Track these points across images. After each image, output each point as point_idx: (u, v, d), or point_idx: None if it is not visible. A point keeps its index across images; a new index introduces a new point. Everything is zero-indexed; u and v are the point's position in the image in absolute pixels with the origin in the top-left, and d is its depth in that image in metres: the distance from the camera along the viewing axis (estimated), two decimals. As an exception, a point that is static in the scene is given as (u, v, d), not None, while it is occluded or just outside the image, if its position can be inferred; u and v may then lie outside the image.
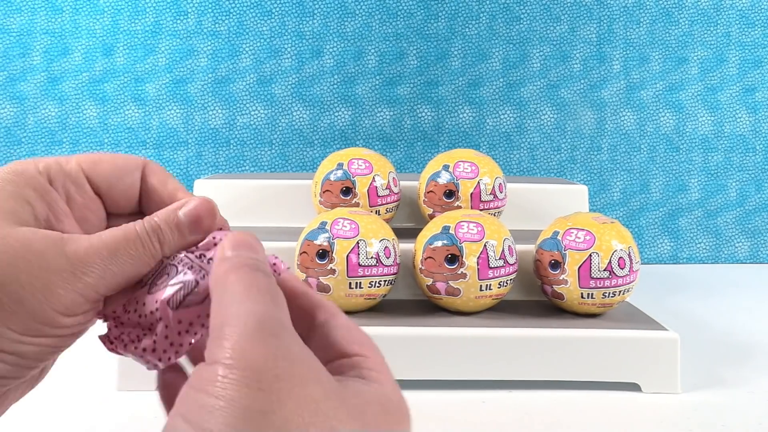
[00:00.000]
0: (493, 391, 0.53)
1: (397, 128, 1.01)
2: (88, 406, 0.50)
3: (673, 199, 1.03)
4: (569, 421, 0.49)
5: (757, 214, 1.03)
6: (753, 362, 0.60)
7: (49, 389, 0.27)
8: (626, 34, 1.01)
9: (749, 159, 1.03)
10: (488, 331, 0.54)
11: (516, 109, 1.01)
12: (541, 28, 1.01)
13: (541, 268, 0.58)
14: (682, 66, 1.02)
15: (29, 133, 0.97)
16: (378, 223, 0.57)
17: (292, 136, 1.00)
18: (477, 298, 0.56)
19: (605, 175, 1.02)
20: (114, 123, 0.98)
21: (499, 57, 1.01)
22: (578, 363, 0.54)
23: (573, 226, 0.57)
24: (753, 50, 1.02)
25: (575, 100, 1.02)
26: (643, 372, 0.53)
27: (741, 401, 0.52)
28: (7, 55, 0.96)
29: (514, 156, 1.02)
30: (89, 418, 0.48)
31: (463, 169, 0.65)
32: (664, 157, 1.03)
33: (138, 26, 0.98)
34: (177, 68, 0.98)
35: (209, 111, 0.99)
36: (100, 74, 0.98)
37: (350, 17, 1.00)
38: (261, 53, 0.99)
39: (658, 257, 1.03)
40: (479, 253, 0.55)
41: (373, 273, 0.55)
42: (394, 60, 1.00)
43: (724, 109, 1.03)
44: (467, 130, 1.01)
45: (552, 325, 0.55)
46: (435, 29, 1.00)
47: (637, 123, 1.02)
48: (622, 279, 0.55)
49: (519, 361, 0.54)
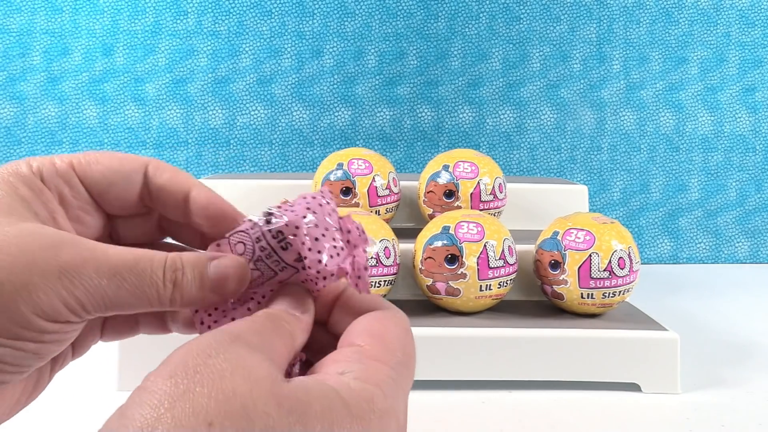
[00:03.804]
0: (493, 391, 0.53)
1: (397, 128, 1.01)
2: (88, 406, 0.50)
3: (673, 199, 1.03)
4: (569, 421, 0.49)
5: (757, 214, 1.03)
6: (753, 362, 0.60)
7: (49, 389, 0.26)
8: (626, 34, 1.01)
9: (749, 159, 1.03)
10: (488, 331, 0.54)
11: (516, 109, 1.01)
12: (541, 28, 1.01)
13: (541, 268, 0.58)
14: (682, 66, 1.02)
15: (29, 133, 0.97)
16: (378, 224, 0.57)
17: (292, 136, 1.00)
18: (477, 298, 0.56)
19: (605, 175, 1.02)
20: (114, 123, 0.98)
21: (499, 57, 1.01)
22: (578, 363, 0.54)
23: (573, 226, 0.57)
24: (753, 50, 1.02)
25: (575, 100, 1.02)
26: (643, 372, 0.53)
27: (741, 401, 0.52)
28: (7, 55, 0.96)
29: (514, 156, 1.02)
30: (89, 418, 0.48)
31: (463, 169, 0.65)
32: (664, 157, 1.03)
33: (138, 26, 0.98)
34: (177, 68, 0.98)
35: (209, 111, 0.99)
36: (100, 74, 0.98)
37: (350, 17, 1.00)
38: (261, 53, 0.99)
39: (658, 257, 1.03)
40: (479, 253, 0.55)
41: (373, 273, 0.55)
42: (394, 60, 1.00)
43: (724, 109, 1.03)
44: (467, 130, 1.01)
45: (552, 325, 0.55)
46: (435, 29, 1.00)
47: (637, 123, 1.02)
48: (622, 279, 0.55)
49: (519, 361, 0.54)
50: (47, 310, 0.21)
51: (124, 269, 0.22)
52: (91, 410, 0.49)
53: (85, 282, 0.21)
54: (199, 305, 0.24)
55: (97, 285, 0.21)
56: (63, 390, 0.51)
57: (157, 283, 0.22)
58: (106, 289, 0.22)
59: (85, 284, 0.21)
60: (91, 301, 0.21)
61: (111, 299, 0.22)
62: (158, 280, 0.22)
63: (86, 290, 0.21)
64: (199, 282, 0.23)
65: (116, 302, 0.22)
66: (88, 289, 0.21)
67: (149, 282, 0.22)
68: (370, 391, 0.20)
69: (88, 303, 0.21)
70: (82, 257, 0.21)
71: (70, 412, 0.49)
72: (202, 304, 0.24)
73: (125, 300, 0.22)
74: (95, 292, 0.21)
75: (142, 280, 0.22)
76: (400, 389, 0.21)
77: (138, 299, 0.22)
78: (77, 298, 0.21)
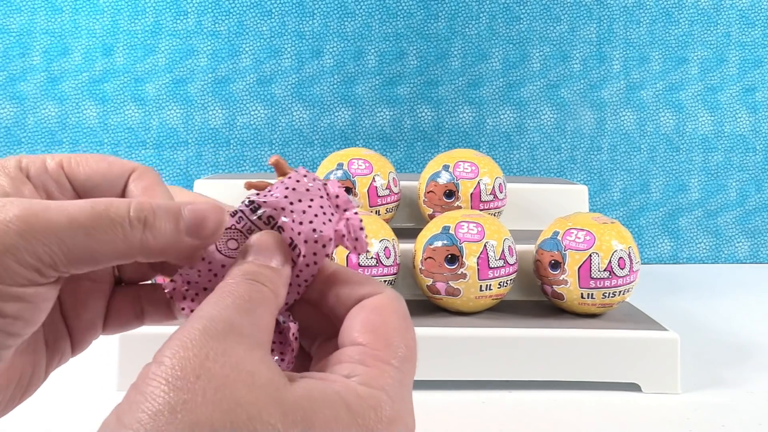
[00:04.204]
0: (493, 391, 0.53)
1: (397, 128, 1.01)
2: (88, 406, 0.50)
3: (673, 199, 1.03)
4: (569, 421, 0.49)
5: (757, 214, 1.03)
6: (753, 362, 0.60)
7: (49, 389, 0.26)
8: (626, 34, 1.01)
9: (749, 159, 1.03)
10: (488, 331, 0.54)
11: (516, 109, 1.01)
12: (541, 28, 1.01)
13: (541, 268, 0.58)
14: (682, 66, 1.02)
15: (29, 133, 0.97)
16: (378, 223, 0.57)
17: (292, 136, 1.00)
18: (477, 298, 0.56)
19: (605, 175, 1.02)
20: (114, 123, 0.98)
21: (499, 57, 1.01)
22: (578, 363, 0.54)
23: (573, 226, 0.57)
24: (753, 50, 1.02)
25: (575, 100, 1.02)
26: (643, 372, 0.53)
27: (741, 401, 0.52)
28: (7, 55, 0.96)
29: (514, 156, 1.02)
30: (89, 418, 0.48)
31: (463, 169, 0.65)
32: (664, 157, 1.03)
33: (138, 26, 0.98)
34: (177, 68, 0.98)
35: (209, 111, 0.99)
36: (100, 74, 0.98)
37: (350, 17, 1.00)
38: (261, 53, 0.99)
39: (658, 257, 1.03)
40: (479, 253, 0.55)
41: (373, 273, 0.55)
42: (394, 60, 1.00)
43: (724, 109, 1.03)
44: (467, 130, 1.01)
45: (552, 325, 0.55)
46: (435, 29, 1.00)
47: (637, 123, 1.02)
48: (622, 279, 0.55)
49: (519, 361, 0.54)
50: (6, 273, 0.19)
51: (80, 215, 0.20)
52: (90, 410, 0.49)
53: (41, 237, 0.20)
54: (175, 255, 0.23)
55: (56, 238, 0.20)
56: (62, 389, 0.51)
57: (121, 223, 0.21)
58: (65, 240, 0.20)
59: (42, 239, 0.20)
60: (52, 255, 0.20)
61: (72, 250, 0.20)
62: (122, 220, 0.21)
63: (44, 245, 0.20)
64: (174, 223, 0.22)
65: (78, 253, 0.20)
66: (46, 243, 0.20)
67: (110, 222, 0.20)
68: (377, 398, 0.20)
69: (47, 257, 0.20)
70: (34, 212, 0.20)
71: (69, 412, 0.49)
72: (178, 253, 0.22)
73: (89, 248, 0.20)
74: (56, 244, 0.20)
75: (101, 221, 0.20)
76: (405, 389, 0.21)
77: (102, 244, 0.20)
78: (36, 255, 0.20)
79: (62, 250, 0.20)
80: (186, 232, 0.22)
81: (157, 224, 0.21)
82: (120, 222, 0.21)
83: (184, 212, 0.22)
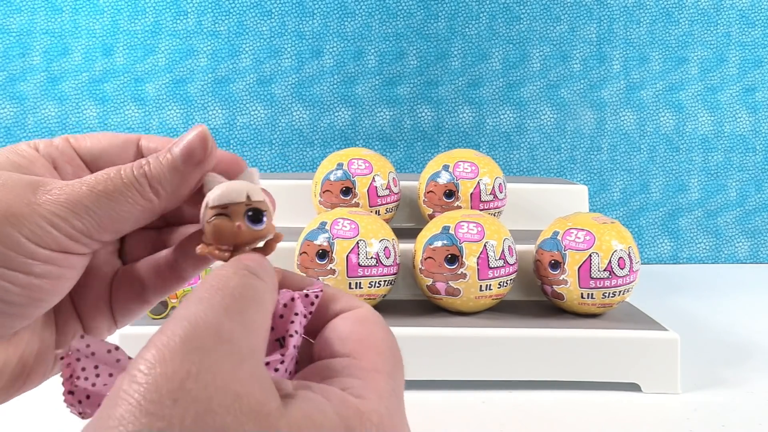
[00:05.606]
0: (493, 391, 0.53)
1: (397, 128, 1.01)
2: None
3: (673, 199, 1.03)
4: (569, 421, 0.49)
5: (757, 214, 1.03)
6: (753, 362, 0.60)
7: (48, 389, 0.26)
8: (626, 34, 1.01)
9: (749, 159, 1.03)
10: (488, 331, 0.54)
11: (516, 109, 1.01)
12: (541, 28, 1.01)
13: (541, 268, 0.58)
14: (682, 66, 1.02)
15: (29, 133, 0.97)
16: (378, 224, 0.57)
17: (292, 136, 1.00)
18: (477, 298, 0.56)
19: (605, 175, 1.02)
20: (114, 123, 0.98)
21: (499, 57, 1.01)
22: (578, 363, 0.54)
23: (573, 226, 0.57)
24: (753, 50, 1.02)
25: (575, 100, 1.02)
26: (643, 372, 0.53)
27: (741, 401, 0.52)
28: (7, 55, 0.96)
29: (514, 156, 1.02)
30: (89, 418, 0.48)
31: (463, 169, 0.65)
32: (664, 157, 1.03)
33: (138, 26, 0.98)
34: (177, 68, 0.98)
35: (209, 111, 0.99)
36: (100, 74, 0.98)
37: (350, 17, 1.00)
38: (261, 53, 0.99)
39: (658, 257, 1.03)
40: (479, 253, 0.55)
41: (373, 273, 0.55)
42: (394, 60, 1.00)
43: (724, 109, 1.03)
44: (467, 130, 1.01)
45: (552, 325, 0.55)
46: (435, 29, 1.00)
47: (637, 123, 1.02)
48: (622, 279, 0.55)
49: (519, 361, 0.54)
50: (40, 233, 0.21)
51: (98, 185, 0.23)
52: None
53: (74, 207, 0.22)
54: (182, 185, 0.24)
55: (84, 207, 0.22)
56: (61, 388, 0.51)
57: (133, 184, 0.23)
58: (94, 209, 0.22)
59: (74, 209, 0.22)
60: (85, 223, 0.22)
61: (102, 218, 0.22)
62: (132, 181, 0.23)
63: (76, 214, 0.22)
64: (168, 161, 0.23)
65: (108, 219, 0.23)
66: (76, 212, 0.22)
67: (123, 186, 0.23)
68: (375, 412, 0.19)
69: (81, 226, 0.22)
70: (60, 188, 0.22)
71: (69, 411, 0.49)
72: (184, 182, 0.24)
73: (115, 212, 0.23)
74: (85, 213, 0.22)
75: (117, 186, 0.23)
76: (398, 399, 0.21)
77: (127, 206, 0.23)
78: (72, 225, 0.22)
79: (94, 219, 0.22)
80: (183, 162, 0.24)
81: (155, 169, 0.23)
82: (131, 183, 0.23)
83: (173, 149, 0.24)
